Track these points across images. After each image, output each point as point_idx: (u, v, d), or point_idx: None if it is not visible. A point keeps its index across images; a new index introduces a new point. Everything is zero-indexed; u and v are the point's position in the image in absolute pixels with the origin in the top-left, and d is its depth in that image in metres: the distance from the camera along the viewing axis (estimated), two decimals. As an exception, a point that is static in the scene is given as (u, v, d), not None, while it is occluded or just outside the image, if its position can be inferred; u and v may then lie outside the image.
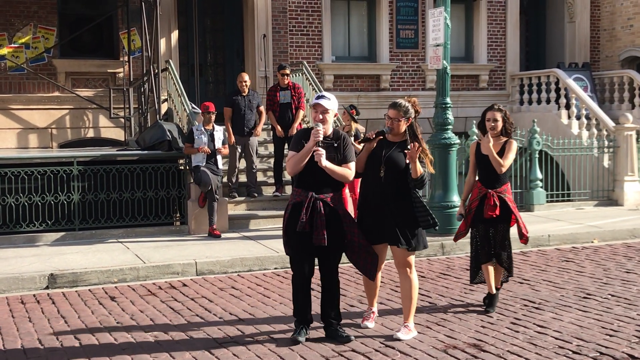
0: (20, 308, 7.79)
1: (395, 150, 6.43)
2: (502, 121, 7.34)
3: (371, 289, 6.85)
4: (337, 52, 17.39)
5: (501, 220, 7.31)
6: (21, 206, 11.19)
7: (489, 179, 7.33)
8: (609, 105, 18.03)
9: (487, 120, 7.39)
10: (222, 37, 16.93)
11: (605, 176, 15.21)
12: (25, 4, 14.73)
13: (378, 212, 6.43)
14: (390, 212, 6.39)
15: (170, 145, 11.98)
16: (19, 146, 14.63)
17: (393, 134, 6.50)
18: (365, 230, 6.46)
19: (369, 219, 6.48)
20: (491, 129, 7.33)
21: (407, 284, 6.53)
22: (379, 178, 6.38)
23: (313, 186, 6.27)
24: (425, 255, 10.51)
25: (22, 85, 14.77)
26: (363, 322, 6.83)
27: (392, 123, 6.45)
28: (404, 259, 6.51)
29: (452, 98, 12.29)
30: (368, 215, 6.50)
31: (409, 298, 6.53)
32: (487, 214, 7.25)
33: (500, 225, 7.34)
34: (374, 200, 6.45)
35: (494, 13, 18.61)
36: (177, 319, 7.22)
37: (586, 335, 6.47)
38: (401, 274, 6.56)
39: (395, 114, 6.45)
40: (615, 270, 9.30)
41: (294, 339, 6.35)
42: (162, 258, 9.71)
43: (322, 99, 6.35)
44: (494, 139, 7.35)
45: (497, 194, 7.26)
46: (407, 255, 6.51)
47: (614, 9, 19.36)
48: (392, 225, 6.40)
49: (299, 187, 6.36)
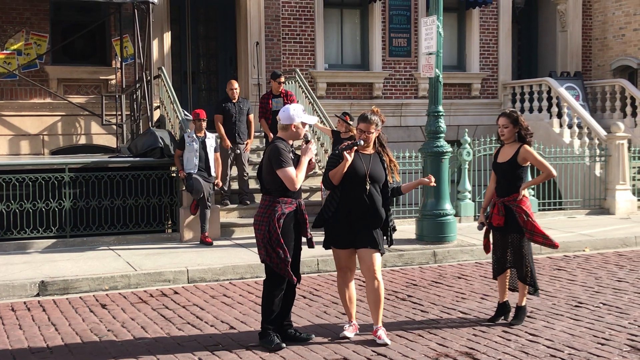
0: (11, 315, 7.75)
1: (374, 163, 6.64)
2: (512, 127, 7.16)
3: (350, 302, 6.82)
4: (330, 60, 17.42)
5: (512, 229, 7.11)
6: (12, 213, 11.15)
7: (499, 187, 7.23)
8: (601, 114, 18.10)
9: (498, 127, 7.27)
10: (215, 44, 16.93)
11: (597, 185, 15.25)
12: (18, 10, 14.69)
13: (358, 221, 6.55)
14: (368, 220, 6.55)
15: (163, 153, 11.97)
16: (11, 153, 14.57)
17: (366, 146, 6.66)
18: (335, 237, 6.64)
19: (344, 227, 6.57)
20: (501, 135, 7.23)
21: (376, 289, 6.57)
22: (363, 190, 6.52)
23: (299, 193, 6.53)
24: (417, 263, 10.52)
25: (14, 92, 14.73)
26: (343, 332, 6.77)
27: (366, 135, 6.61)
28: (373, 261, 6.55)
29: (445, 106, 12.32)
30: (345, 223, 6.57)
31: (377, 302, 6.59)
32: (495, 222, 7.19)
33: (513, 235, 7.13)
34: (357, 210, 6.53)
35: (486, 22, 18.67)
36: (169, 327, 7.20)
37: (578, 343, 6.47)
38: (369, 279, 6.58)
39: (367, 126, 6.61)
40: (606, 279, 9.32)
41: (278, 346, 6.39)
42: (154, 265, 9.68)
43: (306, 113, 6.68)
44: (508, 145, 7.23)
45: (504, 203, 7.11)
46: (375, 258, 6.56)
47: (606, 19, 19.45)
48: (368, 230, 6.55)
49: (288, 197, 6.43)
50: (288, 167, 6.33)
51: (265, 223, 6.36)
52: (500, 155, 7.26)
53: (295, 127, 6.49)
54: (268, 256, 6.37)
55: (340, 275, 6.80)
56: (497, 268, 7.30)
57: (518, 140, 7.20)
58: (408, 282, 9.24)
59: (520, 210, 7.07)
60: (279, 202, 6.39)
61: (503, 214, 7.09)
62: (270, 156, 6.38)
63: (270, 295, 6.45)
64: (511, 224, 7.09)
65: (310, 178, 13.81)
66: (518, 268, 7.16)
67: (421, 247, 11.02)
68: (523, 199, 7.13)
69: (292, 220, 6.43)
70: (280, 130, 6.56)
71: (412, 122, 17.81)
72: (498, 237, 7.23)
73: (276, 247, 6.33)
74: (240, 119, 12.59)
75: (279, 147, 6.39)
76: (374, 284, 6.55)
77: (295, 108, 6.53)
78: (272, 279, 6.45)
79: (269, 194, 6.46)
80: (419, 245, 11.14)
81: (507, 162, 7.13)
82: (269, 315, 6.46)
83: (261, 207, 6.49)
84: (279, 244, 6.32)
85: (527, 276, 7.15)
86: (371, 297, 6.62)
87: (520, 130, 7.17)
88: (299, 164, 6.46)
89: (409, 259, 10.55)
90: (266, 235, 6.34)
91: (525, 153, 7.11)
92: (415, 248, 10.89)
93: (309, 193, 13.37)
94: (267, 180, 6.47)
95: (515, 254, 7.15)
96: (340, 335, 6.71)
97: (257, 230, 6.45)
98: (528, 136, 7.20)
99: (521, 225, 7.05)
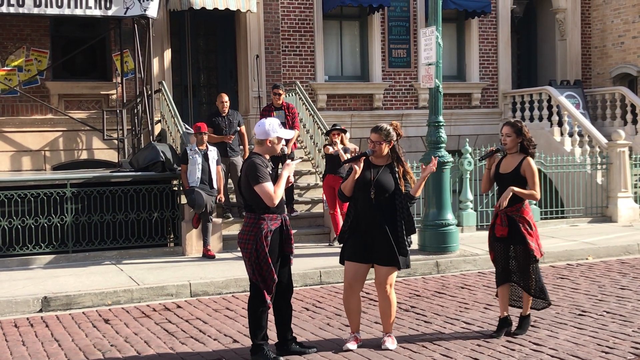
0: (14, 332, 7.74)
1: (383, 173, 6.65)
2: (515, 136, 7.04)
3: (355, 314, 6.78)
4: (330, 72, 17.46)
5: (515, 241, 7.02)
6: (14, 229, 11.15)
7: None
8: (601, 122, 18.11)
9: (501, 136, 7.17)
10: (215, 58, 16.98)
11: (598, 193, 15.24)
12: (18, 26, 14.75)
13: (368, 233, 6.56)
14: (381, 233, 6.54)
15: (164, 166, 11.98)
16: (13, 169, 14.59)
17: (376, 156, 6.72)
18: (349, 249, 6.64)
19: (359, 241, 6.60)
20: (503, 144, 7.11)
21: (387, 302, 6.66)
22: (369, 200, 6.55)
23: (283, 209, 6.51)
24: (420, 273, 10.51)
25: (15, 108, 14.77)
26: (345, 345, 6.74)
27: (375, 146, 6.68)
28: (387, 277, 6.60)
29: (445, 116, 12.33)
30: (359, 237, 6.61)
31: (388, 315, 6.69)
32: (498, 234, 7.10)
33: (517, 247, 7.04)
34: (364, 221, 6.57)
35: (485, 32, 18.71)
36: (172, 341, 7.18)
37: (582, 352, 6.46)
38: (382, 292, 6.63)
39: (377, 137, 6.68)
40: (610, 287, 9.30)
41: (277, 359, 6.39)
42: (156, 280, 9.67)
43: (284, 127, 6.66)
44: (510, 156, 7.13)
45: (507, 214, 7.01)
46: (391, 273, 6.61)
47: (605, 27, 19.49)
48: (384, 245, 6.53)
49: (274, 213, 6.36)
50: (265, 183, 6.23)
51: (252, 242, 6.26)
52: (502, 165, 7.17)
53: (271, 142, 6.40)
54: (254, 274, 6.30)
55: (347, 289, 6.73)
56: (500, 279, 7.23)
57: (521, 151, 7.10)
58: (411, 293, 9.22)
59: (524, 220, 7.02)
60: (264, 219, 6.30)
61: (506, 224, 7.01)
62: (247, 173, 6.30)
63: (255, 312, 6.37)
64: (514, 235, 7.01)
65: (312, 189, 13.82)
66: (523, 279, 7.08)
67: (424, 257, 11.00)
68: (525, 209, 7.07)
69: (278, 237, 6.39)
70: (256, 145, 6.47)
71: (412, 133, 17.80)
72: (501, 248, 7.14)
73: (264, 266, 6.26)
74: (230, 132, 12.60)
75: (255, 163, 6.29)
76: (384, 299, 6.65)
77: (270, 123, 6.43)
78: (258, 297, 6.36)
79: (252, 211, 6.35)
80: (422, 255, 11.13)
81: (510, 173, 7.06)
82: (258, 332, 6.38)
83: (246, 224, 6.38)
84: (267, 263, 6.25)
85: (532, 287, 7.07)
86: (382, 311, 6.74)
87: (524, 141, 7.06)
88: (278, 179, 6.37)
89: (412, 270, 10.50)
90: (253, 254, 6.26)
91: (526, 166, 7.01)
92: (417, 258, 10.87)
93: (310, 205, 13.37)
94: (247, 197, 6.39)
95: (519, 266, 7.07)
96: (344, 348, 6.69)
97: (243, 249, 6.33)
98: (531, 147, 7.09)
99: (524, 235, 6.98)
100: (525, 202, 7.09)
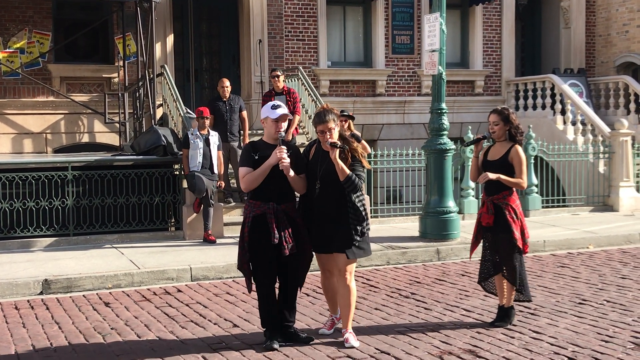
0: (15, 314, 7.75)
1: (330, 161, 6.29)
2: (503, 124, 6.96)
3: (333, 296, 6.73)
4: (333, 58, 17.40)
5: (501, 229, 6.92)
6: (15, 211, 11.16)
7: (488, 185, 7.01)
8: (605, 111, 18.05)
9: (489, 124, 7.09)
10: (218, 42, 16.92)
11: (600, 182, 15.22)
12: (21, 8, 14.70)
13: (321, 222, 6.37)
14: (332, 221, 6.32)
15: (165, 151, 11.96)
16: (14, 151, 14.59)
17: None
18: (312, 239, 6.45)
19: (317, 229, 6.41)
20: (491, 132, 7.03)
21: (347, 291, 6.44)
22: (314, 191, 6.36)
23: (273, 197, 6.27)
24: (420, 260, 10.51)
25: (16, 90, 14.74)
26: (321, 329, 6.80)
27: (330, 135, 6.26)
28: (345, 266, 6.41)
29: (448, 104, 12.30)
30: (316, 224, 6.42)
31: (348, 306, 6.45)
32: (484, 222, 7.07)
33: (501, 235, 6.95)
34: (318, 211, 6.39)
35: (489, 19, 18.64)
36: (172, 325, 7.19)
37: (582, 341, 6.46)
38: (341, 281, 6.45)
39: (325, 126, 6.25)
40: (610, 276, 9.30)
41: (268, 347, 6.30)
42: (157, 264, 9.68)
43: (280, 108, 6.30)
44: (499, 143, 7.05)
45: (494, 202, 6.95)
46: (349, 262, 6.40)
47: (610, 15, 19.40)
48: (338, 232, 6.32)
49: (257, 199, 6.28)
50: (241, 167, 6.29)
51: (242, 225, 6.38)
52: (490, 153, 7.09)
53: (264, 122, 6.36)
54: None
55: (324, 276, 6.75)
56: (484, 272, 7.17)
57: (509, 139, 7.02)
58: (411, 280, 9.23)
59: (510, 208, 6.93)
60: (250, 204, 6.34)
61: (492, 212, 6.93)
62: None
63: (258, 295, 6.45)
64: (500, 224, 6.92)
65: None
66: (506, 268, 6.98)
67: (424, 244, 11.00)
68: (512, 197, 6.97)
69: (259, 224, 6.24)
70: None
71: (415, 120, 17.79)
72: (488, 237, 7.07)
73: (239, 251, 6.35)
74: (231, 117, 12.59)
75: (244, 147, 6.46)
76: (344, 287, 6.45)
77: (268, 104, 6.38)
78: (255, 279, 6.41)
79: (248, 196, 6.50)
80: (423, 242, 11.13)
81: (498, 160, 6.97)
82: (263, 316, 6.45)
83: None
84: (242, 246, 6.32)
85: (515, 277, 6.96)
86: (341, 302, 6.51)
87: (511, 129, 6.98)
88: (260, 167, 6.22)
89: (413, 257, 10.54)
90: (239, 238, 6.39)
91: (514, 154, 6.93)
92: (418, 245, 10.87)
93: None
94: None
95: (503, 254, 6.97)
96: (320, 332, 6.73)
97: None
98: (519, 135, 7.01)
99: (509, 224, 6.89)
100: (512, 190, 6.99)
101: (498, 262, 7.06)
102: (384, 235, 11.73)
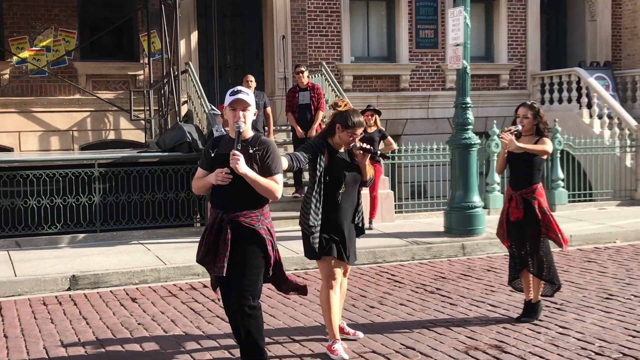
0: (43, 309, 7.84)
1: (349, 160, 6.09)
2: (532, 118, 6.95)
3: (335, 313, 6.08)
4: (356, 53, 17.38)
5: (529, 224, 6.89)
6: (43, 208, 11.28)
7: (515, 179, 7.01)
8: (631, 104, 17.88)
9: (517, 117, 7.07)
10: (242, 39, 16.97)
11: (627, 176, 15.07)
12: (46, 7, 14.84)
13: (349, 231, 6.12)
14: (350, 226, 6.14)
15: (191, 147, 12.03)
16: (41, 148, 14.74)
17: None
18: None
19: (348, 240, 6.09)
20: (521, 125, 6.98)
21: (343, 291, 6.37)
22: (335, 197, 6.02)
23: (226, 203, 5.24)
24: (446, 256, 10.49)
25: (43, 88, 14.89)
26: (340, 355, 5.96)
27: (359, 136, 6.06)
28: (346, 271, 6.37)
29: (472, 98, 12.23)
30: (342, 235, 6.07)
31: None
32: (513, 217, 7.02)
33: (528, 230, 6.91)
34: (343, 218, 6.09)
35: (514, 12, 18.52)
36: (198, 320, 7.24)
37: (609, 336, 6.41)
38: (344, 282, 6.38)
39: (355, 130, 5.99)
40: (637, 270, 9.21)
41: None
42: (183, 259, 9.74)
43: (240, 93, 5.39)
44: (526, 137, 7.01)
45: (522, 196, 6.93)
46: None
47: (636, 7, 19.18)
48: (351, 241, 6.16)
49: (212, 206, 5.37)
50: (199, 168, 5.46)
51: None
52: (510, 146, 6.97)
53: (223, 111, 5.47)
54: None
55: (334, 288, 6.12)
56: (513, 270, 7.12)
57: (536, 133, 7.00)
58: (437, 275, 9.21)
59: (539, 203, 6.90)
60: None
61: (522, 207, 6.91)
62: None
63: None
64: (529, 218, 6.89)
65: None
66: (534, 263, 6.95)
67: (449, 239, 10.97)
68: (540, 190, 6.95)
69: (215, 232, 5.28)
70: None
71: (439, 114, 17.73)
72: (515, 232, 7.02)
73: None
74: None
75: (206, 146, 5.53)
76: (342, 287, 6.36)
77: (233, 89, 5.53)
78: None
79: None
80: (448, 238, 11.10)
81: (523, 153, 6.91)
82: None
83: None
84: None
85: (543, 272, 6.95)
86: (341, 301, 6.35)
87: (540, 123, 6.97)
88: (202, 180, 5.33)
89: (438, 252, 10.51)
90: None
91: (543, 143, 6.90)
92: (443, 241, 10.84)
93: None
94: None
95: (532, 249, 6.94)
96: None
97: None
98: (546, 130, 7.00)
99: (539, 218, 6.87)
100: (540, 184, 6.99)
101: (523, 257, 7.02)
102: (409, 230, 11.71)
